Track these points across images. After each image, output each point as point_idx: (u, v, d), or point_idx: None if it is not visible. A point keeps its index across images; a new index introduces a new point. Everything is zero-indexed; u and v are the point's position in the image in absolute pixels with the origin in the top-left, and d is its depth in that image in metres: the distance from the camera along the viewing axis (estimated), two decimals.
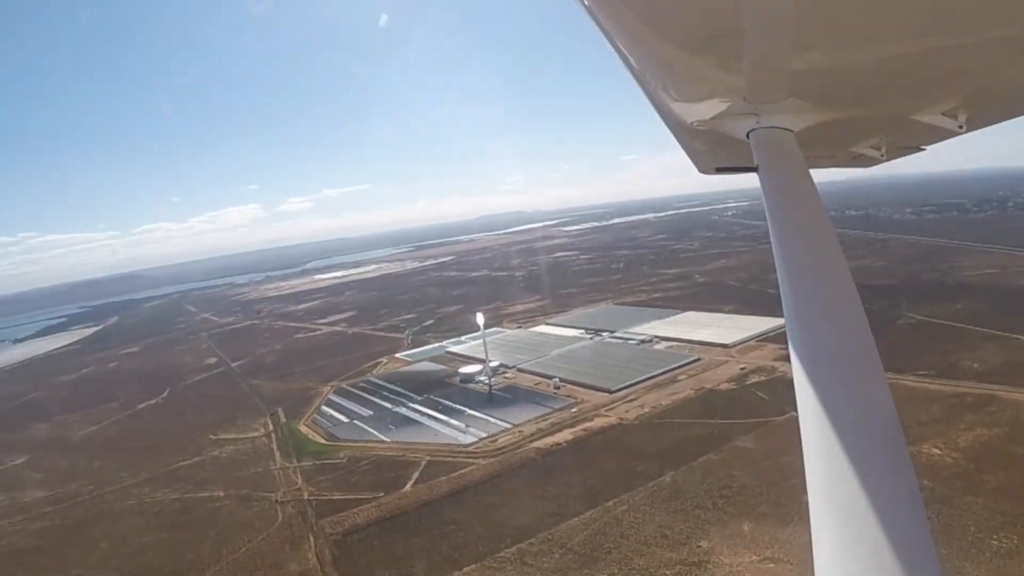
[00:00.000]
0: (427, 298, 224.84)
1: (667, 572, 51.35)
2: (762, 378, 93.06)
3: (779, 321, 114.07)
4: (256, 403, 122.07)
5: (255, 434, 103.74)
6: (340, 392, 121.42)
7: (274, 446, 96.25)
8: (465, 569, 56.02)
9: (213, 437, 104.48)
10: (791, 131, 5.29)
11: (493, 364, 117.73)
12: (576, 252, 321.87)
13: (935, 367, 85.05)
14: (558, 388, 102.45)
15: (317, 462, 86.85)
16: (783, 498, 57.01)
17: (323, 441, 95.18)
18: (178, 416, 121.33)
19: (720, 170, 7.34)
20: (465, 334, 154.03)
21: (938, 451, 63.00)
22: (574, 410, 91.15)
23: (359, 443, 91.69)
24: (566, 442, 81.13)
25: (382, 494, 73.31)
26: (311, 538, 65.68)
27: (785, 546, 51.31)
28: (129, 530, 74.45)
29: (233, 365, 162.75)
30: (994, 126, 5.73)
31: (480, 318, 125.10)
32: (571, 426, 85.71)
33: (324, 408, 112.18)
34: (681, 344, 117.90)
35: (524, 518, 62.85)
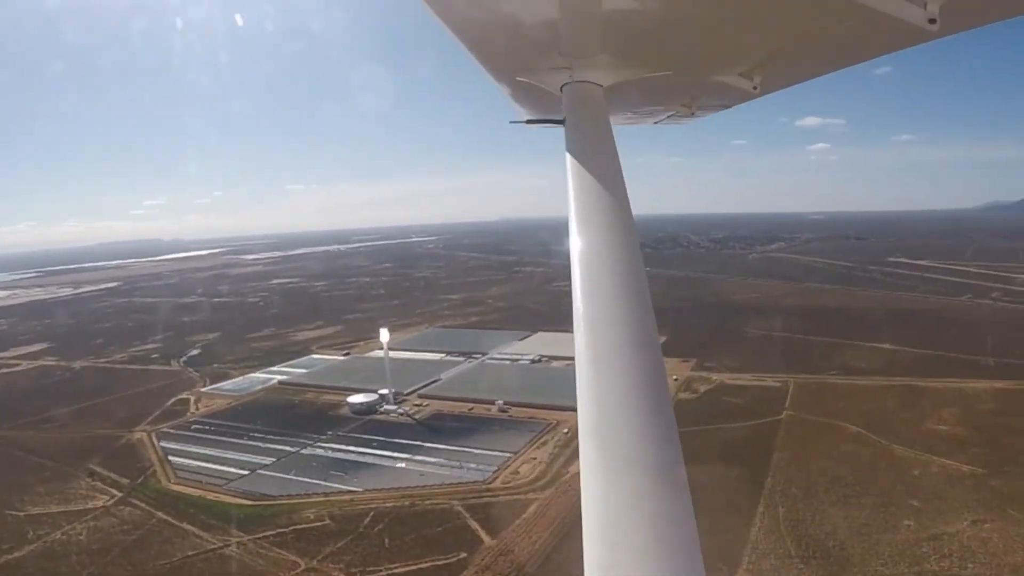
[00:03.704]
0: (151, 325, 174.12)
1: None
2: (706, 387, 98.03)
3: None
4: (42, 462, 77.59)
5: (97, 504, 65.33)
6: (174, 438, 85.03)
7: (165, 516, 61.73)
8: None
9: (19, 514, 62.36)
10: (601, 86, 5.49)
11: (383, 392, 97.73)
12: (299, 279, 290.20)
13: (837, 367, 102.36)
14: (505, 411, 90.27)
15: (277, 530, 58.72)
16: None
17: (248, 503, 64.97)
18: None
19: (531, 122, 7.45)
20: (264, 362, 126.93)
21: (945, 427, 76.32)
22: (566, 431, 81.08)
23: (314, 498, 65.45)
24: None
25: (464, 554, 53.62)
26: None
27: None
28: None
29: None
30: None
31: (384, 334, 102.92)
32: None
33: (174, 459, 77.19)
34: (572, 363, 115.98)
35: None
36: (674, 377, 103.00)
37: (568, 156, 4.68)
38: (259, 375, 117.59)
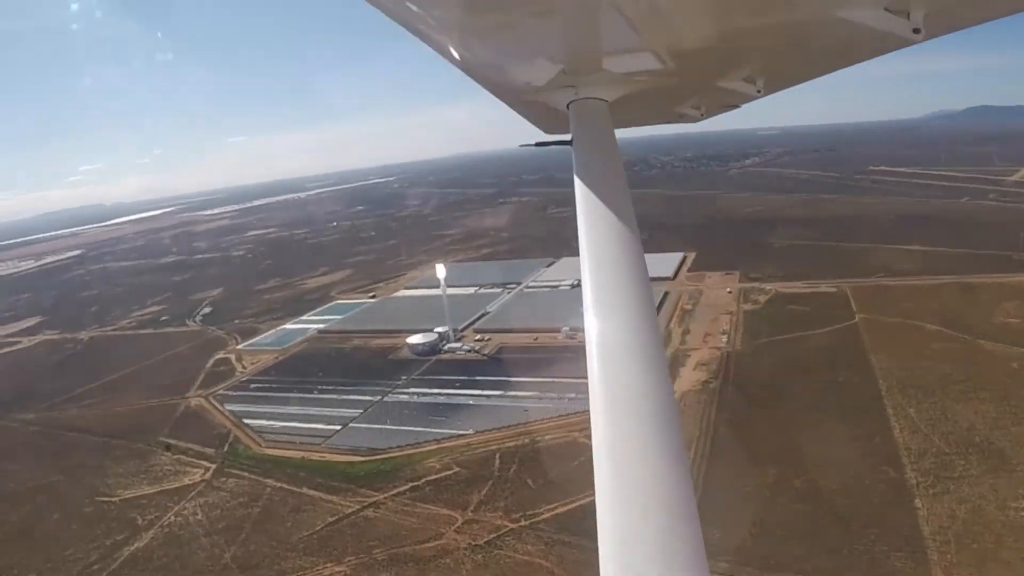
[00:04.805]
0: (143, 289, 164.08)
1: None
2: (764, 297, 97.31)
3: (678, 255, 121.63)
4: (104, 441, 72.20)
5: (193, 479, 60.88)
6: (238, 400, 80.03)
7: (279, 483, 57.68)
8: None
9: (113, 499, 57.50)
10: (606, 101, 5.59)
11: (440, 330, 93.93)
12: (276, 229, 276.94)
13: (882, 270, 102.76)
14: (572, 337, 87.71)
15: (410, 484, 55.54)
16: None
17: (360, 459, 61.36)
18: None
19: (540, 145, 7.50)
20: (288, 313, 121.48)
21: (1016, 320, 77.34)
22: None
23: (427, 447, 62.37)
24: (704, 380, 70.67)
25: None
26: None
27: None
28: None
29: None
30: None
31: (441, 270, 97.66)
32: (681, 363, 74.84)
33: (251, 422, 72.49)
34: None
35: None
36: (728, 290, 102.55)
37: (576, 174, 4.81)
38: (291, 327, 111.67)
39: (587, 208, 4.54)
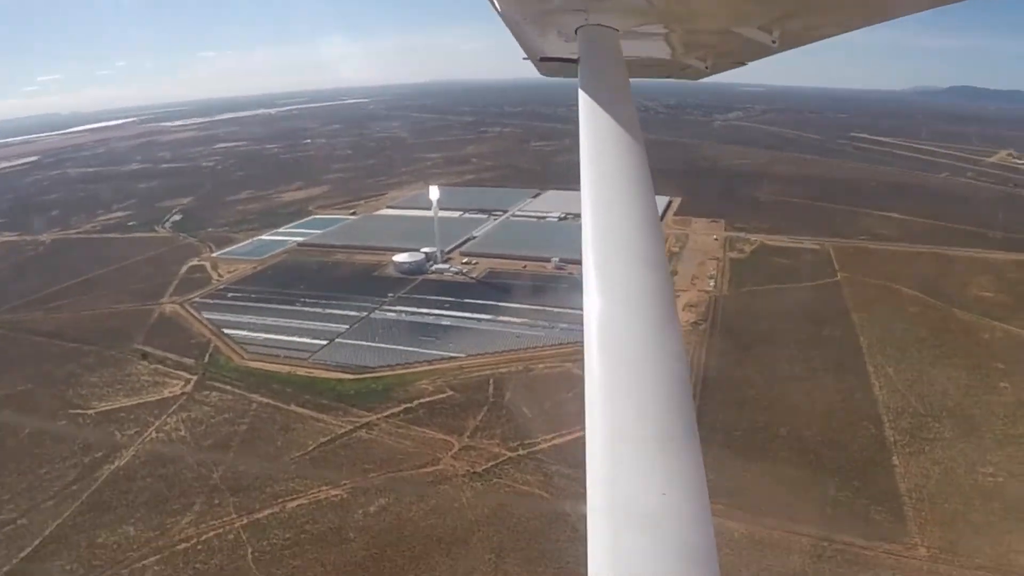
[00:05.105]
0: (106, 194, 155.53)
1: None
2: (750, 247, 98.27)
3: (664, 199, 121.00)
4: (75, 347, 69.38)
5: (173, 391, 59.04)
6: (215, 308, 77.69)
7: (265, 399, 56.73)
8: None
9: (88, 412, 55.22)
10: (616, 30, 5.46)
11: (427, 250, 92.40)
12: (246, 142, 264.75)
13: (863, 233, 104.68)
14: (561, 268, 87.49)
15: (403, 406, 55.22)
16: None
17: (350, 377, 60.59)
18: None
19: (544, 60, 7.43)
20: (264, 224, 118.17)
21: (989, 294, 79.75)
22: None
23: (419, 368, 61.91)
24: (693, 321, 71.45)
25: None
26: None
27: None
28: None
29: None
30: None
31: (434, 191, 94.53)
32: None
33: (231, 332, 70.76)
34: None
35: None
36: (714, 237, 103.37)
37: (582, 95, 4.65)
38: (268, 238, 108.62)
39: (593, 128, 4.26)
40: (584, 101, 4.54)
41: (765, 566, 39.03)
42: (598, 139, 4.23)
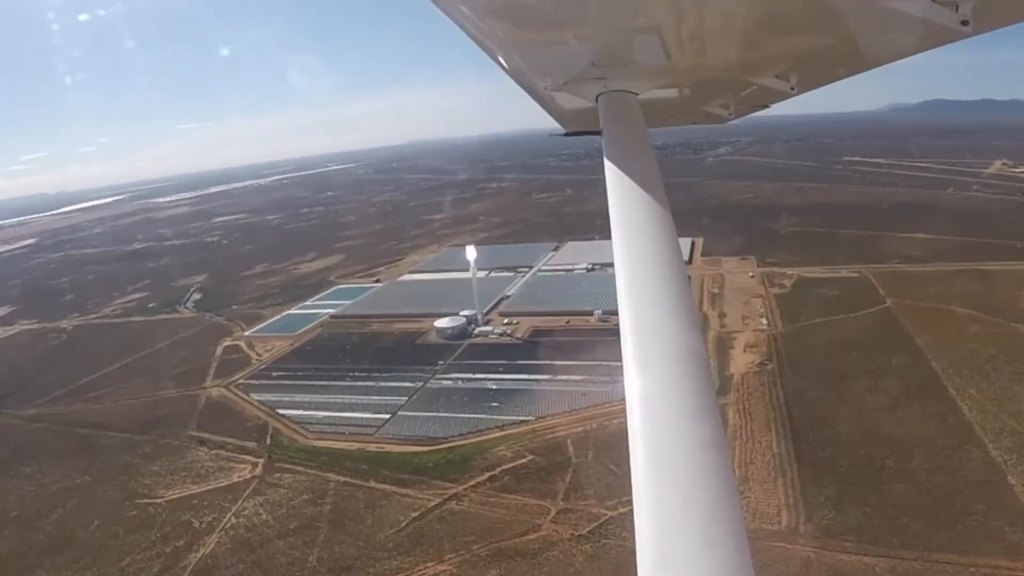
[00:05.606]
0: (117, 276, 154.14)
1: None
2: (789, 281, 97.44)
3: (687, 240, 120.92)
4: (127, 437, 66.98)
5: (242, 475, 56.46)
6: (264, 389, 75.47)
7: (342, 477, 53.99)
8: None
9: (157, 500, 52.52)
10: (636, 94, 5.59)
11: (467, 313, 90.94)
12: (245, 215, 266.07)
13: (896, 256, 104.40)
14: (605, 320, 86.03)
15: (487, 475, 52.71)
16: None
17: (423, 449, 58.16)
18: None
19: (569, 134, 7.66)
20: (289, 298, 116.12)
21: None
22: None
23: (491, 434, 59.65)
24: (759, 362, 69.82)
25: None
26: None
27: None
28: None
29: None
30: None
31: (471, 251, 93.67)
32: (729, 346, 73.90)
33: (286, 412, 68.24)
34: None
35: None
36: (750, 274, 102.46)
37: (607, 164, 4.75)
38: (297, 312, 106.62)
39: (620, 199, 4.43)
40: (610, 170, 4.63)
41: None
42: (627, 210, 4.31)
